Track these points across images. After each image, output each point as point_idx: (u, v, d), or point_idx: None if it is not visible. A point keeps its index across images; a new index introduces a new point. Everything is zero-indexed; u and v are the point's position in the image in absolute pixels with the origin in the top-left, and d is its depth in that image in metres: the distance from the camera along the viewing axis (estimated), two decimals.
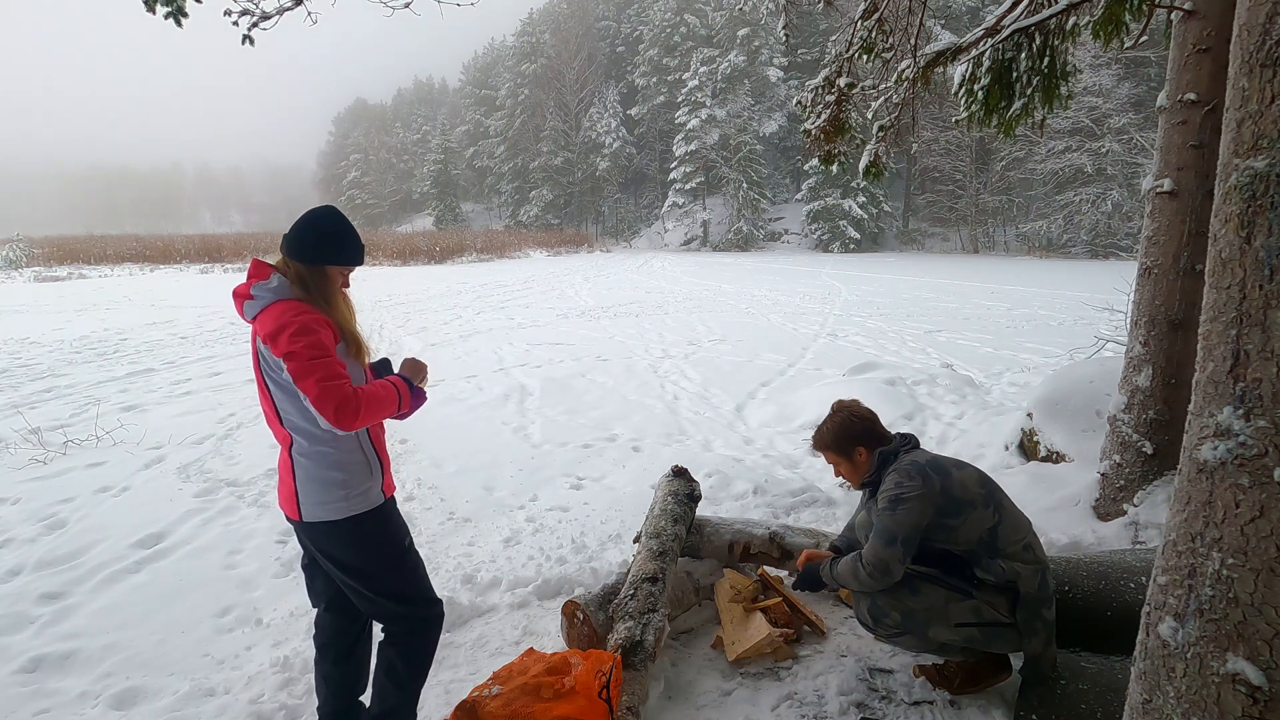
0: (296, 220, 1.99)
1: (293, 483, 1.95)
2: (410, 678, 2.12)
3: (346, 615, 2.18)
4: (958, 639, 2.19)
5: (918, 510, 2.12)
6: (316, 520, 1.95)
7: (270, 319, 1.85)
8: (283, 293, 1.91)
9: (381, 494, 2.03)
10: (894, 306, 13.95)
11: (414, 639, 2.11)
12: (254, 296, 1.91)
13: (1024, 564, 2.13)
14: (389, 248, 33.77)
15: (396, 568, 2.05)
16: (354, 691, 2.24)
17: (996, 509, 2.16)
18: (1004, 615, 2.13)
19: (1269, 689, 1.19)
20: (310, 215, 1.99)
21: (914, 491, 2.12)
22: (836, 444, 2.40)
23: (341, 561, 2.01)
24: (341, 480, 1.94)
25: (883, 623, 2.25)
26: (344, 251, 1.98)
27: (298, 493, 1.94)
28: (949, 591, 2.16)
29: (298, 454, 1.94)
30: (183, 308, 14.83)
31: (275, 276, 1.92)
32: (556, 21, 54.89)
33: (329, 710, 2.20)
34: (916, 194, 39.83)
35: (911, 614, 2.19)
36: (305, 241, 1.94)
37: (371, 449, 2.02)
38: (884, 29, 4.45)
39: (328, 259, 1.96)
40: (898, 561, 2.12)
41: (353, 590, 2.05)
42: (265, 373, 1.92)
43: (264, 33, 3.26)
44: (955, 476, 2.18)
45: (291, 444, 1.95)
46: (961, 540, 2.14)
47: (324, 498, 1.93)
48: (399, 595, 2.06)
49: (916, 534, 2.13)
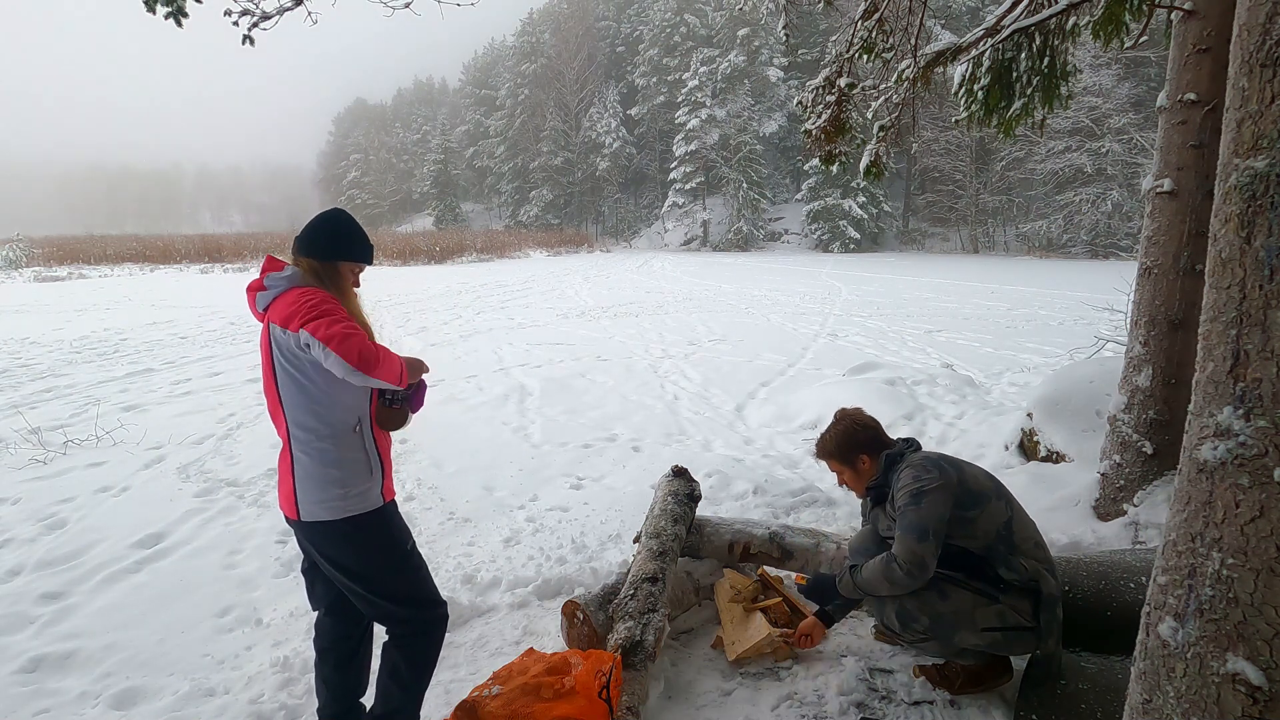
0: (309, 221, 2.06)
1: (291, 480, 1.95)
2: (414, 679, 2.11)
3: (348, 619, 2.18)
4: (982, 643, 2.16)
5: (941, 500, 2.10)
6: (314, 520, 1.94)
7: (284, 304, 1.88)
8: (296, 281, 1.96)
9: (381, 496, 2.02)
10: (894, 306, 13.95)
11: (418, 641, 2.10)
12: (267, 287, 1.95)
13: (1040, 562, 2.13)
14: (389, 248, 33.76)
15: (399, 570, 2.04)
16: (355, 694, 2.23)
17: (1008, 503, 2.17)
18: (1026, 619, 2.11)
19: (1269, 689, 1.19)
20: (322, 215, 2.07)
21: (934, 482, 2.11)
22: (840, 452, 2.40)
23: (341, 564, 2.00)
24: (340, 479, 1.93)
25: (910, 628, 2.20)
26: (355, 248, 2.05)
27: (296, 491, 1.94)
28: (975, 595, 2.12)
29: (298, 451, 1.93)
30: (183, 308, 14.83)
31: (289, 268, 1.98)
32: (556, 21, 54.88)
33: (330, 713, 2.20)
34: (916, 194, 39.83)
35: (940, 618, 2.14)
36: (318, 238, 2.00)
37: (374, 450, 2.01)
38: (884, 29, 4.45)
39: (340, 255, 2.02)
40: (932, 555, 2.08)
41: (354, 594, 2.04)
42: (278, 362, 1.91)
43: (264, 33, 3.26)
44: (968, 470, 2.20)
45: (292, 440, 1.94)
46: (980, 534, 2.12)
47: (322, 496, 1.92)
48: (402, 598, 2.05)
49: (944, 526, 2.10)
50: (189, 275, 25.57)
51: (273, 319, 1.90)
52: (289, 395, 1.91)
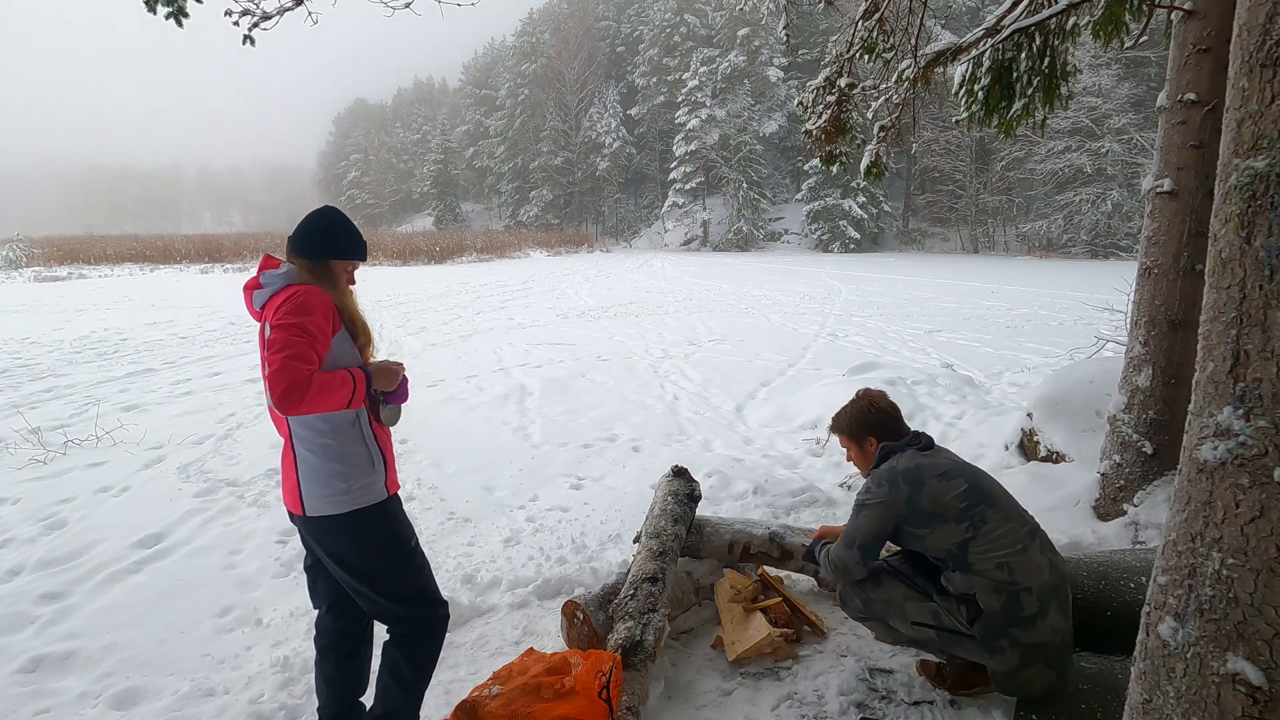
0: (301, 220, 2.05)
1: (295, 476, 1.95)
2: (415, 679, 2.11)
3: (349, 617, 2.17)
4: (917, 636, 2.23)
5: (878, 518, 2.18)
6: (319, 514, 1.94)
7: (278, 299, 1.90)
8: (291, 278, 1.96)
9: (385, 489, 2.02)
10: (894, 306, 13.95)
11: (419, 640, 2.09)
12: (264, 285, 1.96)
13: (990, 581, 2.05)
14: (389, 248, 33.77)
15: (402, 567, 2.04)
16: (355, 692, 2.23)
17: (973, 525, 2.09)
18: (963, 625, 2.11)
19: (1269, 689, 1.19)
20: (312, 214, 2.07)
21: (878, 499, 2.19)
22: (850, 429, 2.45)
23: (345, 560, 1.99)
24: (343, 472, 1.93)
25: (849, 605, 2.39)
26: (347, 246, 2.05)
27: (300, 487, 1.94)
28: (909, 589, 2.23)
29: (301, 447, 1.94)
30: (182, 308, 14.83)
31: (285, 265, 1.98)
32: (556, 21, 54.89)
33: (330, 712, 2.20)
34: (916, 194, 39.82)
35: (871, 603, 2.30)
36: (311, 237, 2.00)
37: (374, 443, 2.02)
38: (885, 29, 4.44)
39: (332, 253, 2.02)
40: (856, 563, 2.23)
41: (357, 591, 2.04)
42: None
43: (265, 33, 3.26)
44: (929, 489, 2.13)
45: (294, 437, 1.95)
46: (930, 548, 2.16)
47: (326, 490, 1.92)
48: (404, 596, 2.04)
49: (877, 540, 2.21)
50: (189, 275, 25.57)
51: (268, 317, 1.91)
52: None
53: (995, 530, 2.09)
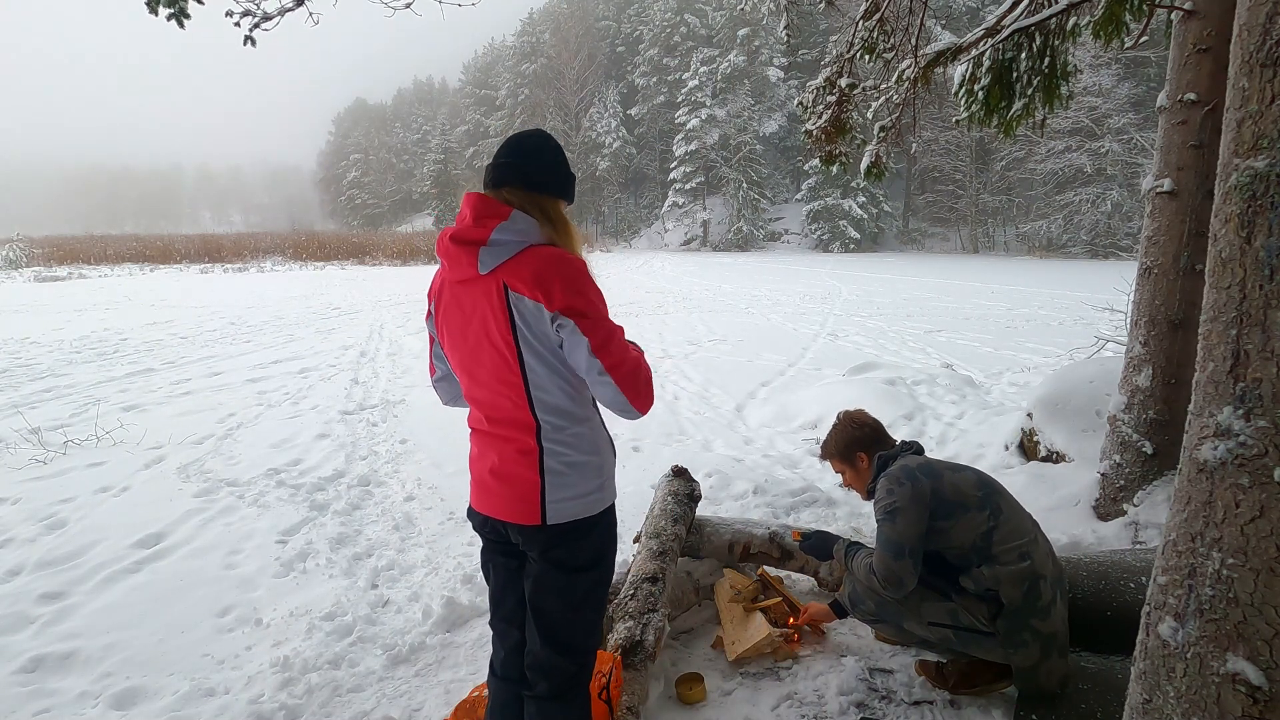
0: (518, 146, 1.56)
1: (538, 478, 1.54)
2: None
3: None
4: (931, 637, 2.21)
5: (914, 518, 2.12)
6: (564, 521, 1.55)
7: (528, 266, 1.47)
8: (535, 236, 1.52)
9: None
10: (894, 306, 13.95)
11: (554, 706, 1.63)
12: (493, 242, 1.48)
13: (1013, 569, 2.07)
14: (389, 248, 33.78)
15: (603, 583, 1.68)
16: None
17: (994, 513, 2.12)
18: (982, 623, 2.11)
19: (1269, 689, 1.19)
20: (543, 138, 1.60)
21: (906, 499, 2.13)
22: (840, 450, 2.43)
23: (580, 566, 1.61)
24: (599, 466, 1.59)
25: (860, 608, 2.31)
26: (572, 183, 1.64)
27: (545, 490, 1.54)
28: (925, 589, 2.19)
29: (552, 442, 1.54)
30: (182, 307, 14.83)
31: (519, 215, 1.51)
32: (556, 21, 54.91)
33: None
34: (916, 194, 39.85)
35: (885, 605, 2.23)
36: (560, 172, 1.58)
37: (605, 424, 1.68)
38: (885, 29, 4.45)
39: (572, 196, 1.62)
40: (910, 573, 2.11)
41: (548, 612, 1.62)
42: (522, 337, 1.49)
43: (265, 33, 3.26)
44: (947, 479, 2.17)
45: (542, 429, 1.54)
46: (955, 542, 2.13)
47: (583, 489, 1.56)
48: (577, 636, 1.64)
49: (921, 542, 2.13)
50: (189, 275, 25.54)
51: (508, 279, 1.48)
52: (539, 376, 1.51)
53: (1011, 519, 2.14)
